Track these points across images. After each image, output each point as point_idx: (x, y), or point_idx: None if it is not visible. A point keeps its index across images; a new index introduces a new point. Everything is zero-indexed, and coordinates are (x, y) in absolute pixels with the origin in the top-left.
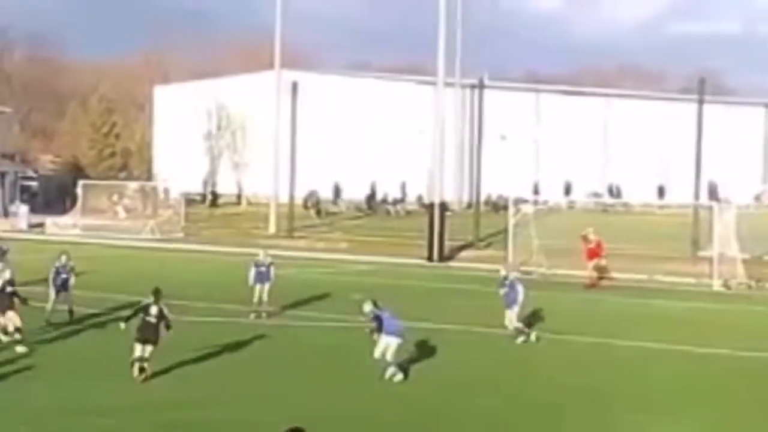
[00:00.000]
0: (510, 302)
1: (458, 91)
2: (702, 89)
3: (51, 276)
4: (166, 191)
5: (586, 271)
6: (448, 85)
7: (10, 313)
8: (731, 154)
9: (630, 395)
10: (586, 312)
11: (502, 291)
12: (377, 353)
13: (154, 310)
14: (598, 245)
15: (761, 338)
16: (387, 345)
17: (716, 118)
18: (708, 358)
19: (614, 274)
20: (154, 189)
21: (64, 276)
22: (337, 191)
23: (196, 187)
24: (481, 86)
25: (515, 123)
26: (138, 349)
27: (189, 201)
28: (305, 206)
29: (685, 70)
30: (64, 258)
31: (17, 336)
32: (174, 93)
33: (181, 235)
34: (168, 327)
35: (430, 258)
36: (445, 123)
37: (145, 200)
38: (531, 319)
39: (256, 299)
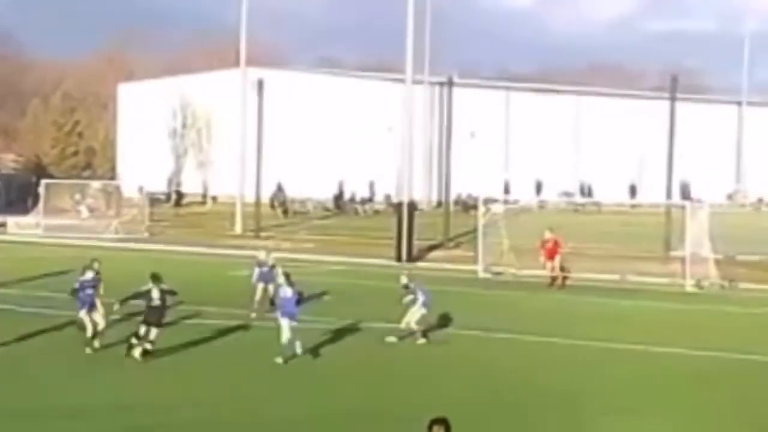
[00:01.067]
0: (416, 305)
1: (427, 89)
2: (674, 87)
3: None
4: (118, 189)
5: (547, 271)
6: (417, 82)
7: None
8: (704, 152)
9: (597, 396)
10: (556, 313)
11: (407, 299)
12: (404, 323)
13: (155, 293)
14: (556, 243)
15: (733, 339)
16: (420, 314)
17: (689, 117)
18: (678, 359)
19: (575, 273)
20: (118, 188)
21: (89, 292)
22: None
23: (160, 187)
24: (451, 84)
25: (485, 121)
26: (142, 330)
27: (153, 200)
28: (272, 206)
29: (658, 69)
30: (90, 273)
31: None
32: (138, 91)
33: (145, 234)
34: (174, 293)
35: (398, 258)
36: (414, 121)
37: (109, 199)
38: (442, 320)
39: (258, 298)
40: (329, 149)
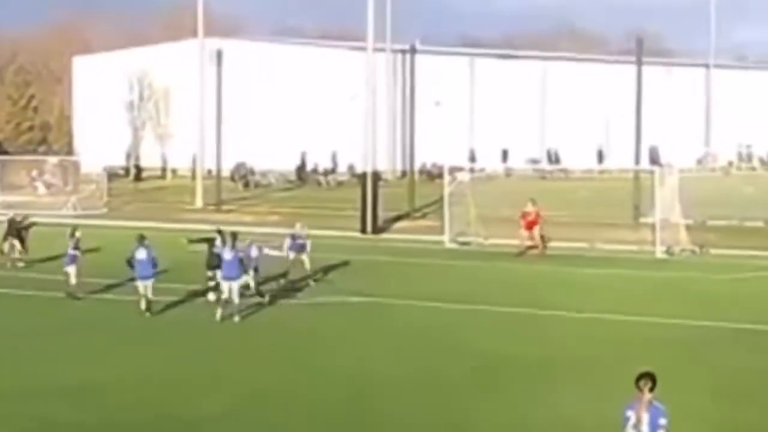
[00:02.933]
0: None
1: (390, 57)
2: (640, 50)
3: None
4: (75, 164)
5: (519, 240)
6: (378, 50)
7: None
8: (672, 117)
9: (565, 366)
10: (524, 282)
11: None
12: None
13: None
14: (537, 215)
15: (704, 306)
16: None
17: (656, 81)
18: (649, 327)
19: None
20: (75, 163)
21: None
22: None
23: (119, 161)
24: (413, 51)
25: (449, 89)
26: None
27: (112, 175)
28: (233, 179)
29: (622, 33)
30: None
31: None
32: (94, 64)
33: (104, 210)
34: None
35: (363, 230)
36: (377, 90)
37: (66, 175)
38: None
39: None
40: (291, 120)
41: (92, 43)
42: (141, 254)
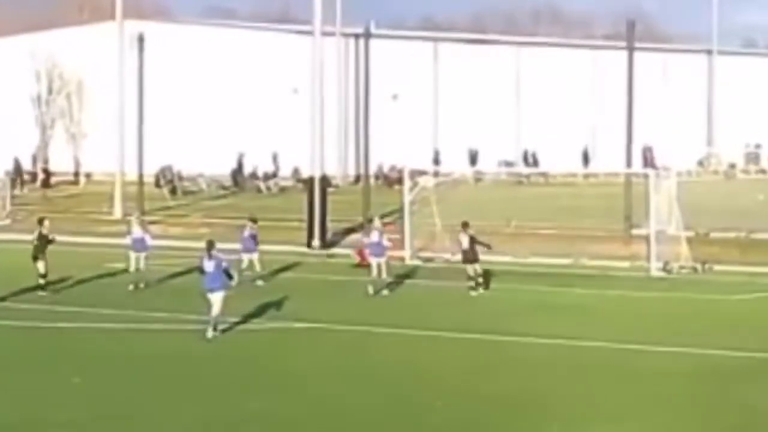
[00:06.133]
0: None
1: (340, 42)
2: (632, 34)
3: None
4: None
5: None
6: (327, 34)
7: None
8: (670, 112)
9: (546, 403)
10: (498, 304)
11: None
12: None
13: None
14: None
15: (708, 332)
16: None
17: (650, 70)
18: (643, 356)
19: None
20: None
21: None
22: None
23: (24, 164)
24: (368, 35)
25: (410, 80)
26: None
27: (15, 181)
28: (157, 185)
29: (612, 14)
30: None
31: None
32: None
33: (6, 222)
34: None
35: (309, 244)
36: (325, 81)
37: None
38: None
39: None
40: (225, 116)
41: None
42: (209, 266)
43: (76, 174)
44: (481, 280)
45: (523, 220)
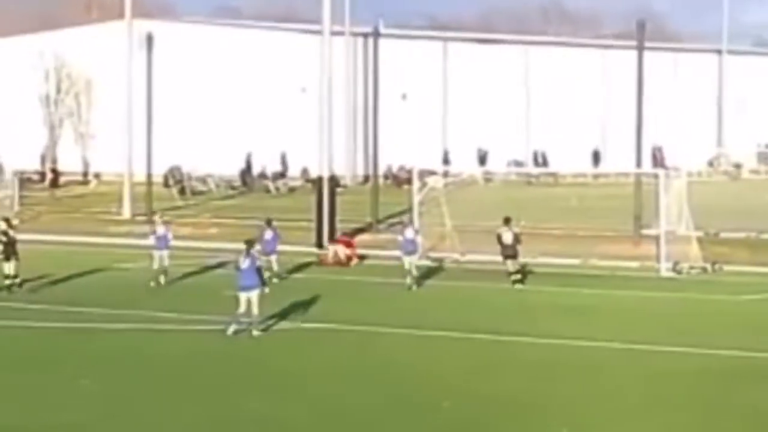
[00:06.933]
0: None
1: (349, 41)
2: (642, 34)
3: None
4: None
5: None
6: (335, 33)
7: None
8: (679, 111)
9: (557, 405)
10: (507, 305)
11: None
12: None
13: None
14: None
15: (719, 333)
16: None
17: (660, 69)
18: (654, 357)
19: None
20: None
21: None
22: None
23: (32, 164)
24: (377, 35)
25: (419, 80)
26: None
27: (24, 181)
28: (166, 185)
29: (622, 13)
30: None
31: None
32: (2, 49)
33: (15, 222)
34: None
35: (319, 245)
36: (333, 81)
37: None
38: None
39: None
40: (233, 116)
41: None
42: (245, 263)
43: (85, 174)
44: (519, 276)
45: (533, 220)
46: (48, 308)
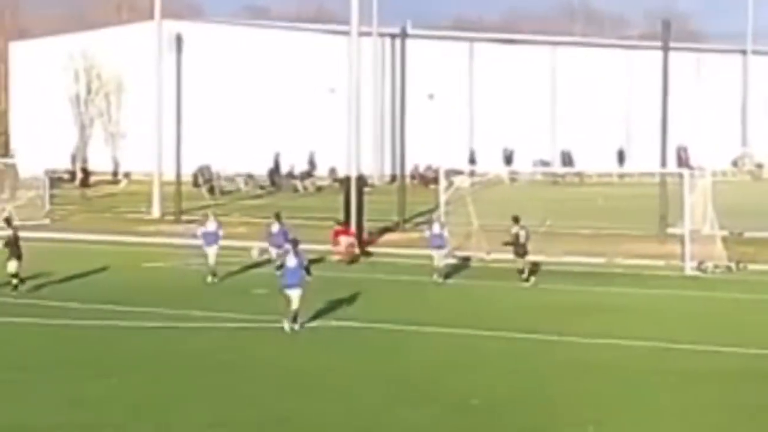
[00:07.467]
0: None
1: (376, 42)
2: (667, 34)
3: None
4: (12, 168)
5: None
6: (363, 34)
7: None
8: (704, 111)
9: (581, 402)
10: (532, 304)
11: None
12: None
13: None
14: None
15: (742, 331)
16: None
17: (685, 69)
18: (679, 355)
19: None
20: (12, 167)
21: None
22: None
23: (63, 164)
24: (404, 36)
25: (445, 80)
26: None
27: (55, 180)
28: (195, 184)
29: (646, 13)
30: None
31: None
32: (34, 51)
33: (45, 221)
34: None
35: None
36: (361, 81)
37: (1, 180)
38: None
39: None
40: (262, 116)
41: (31, 26)
42: (291, 261)
43: (115, 173)
44: (526, 274)
45: (558, 219)
46: (78, 306)
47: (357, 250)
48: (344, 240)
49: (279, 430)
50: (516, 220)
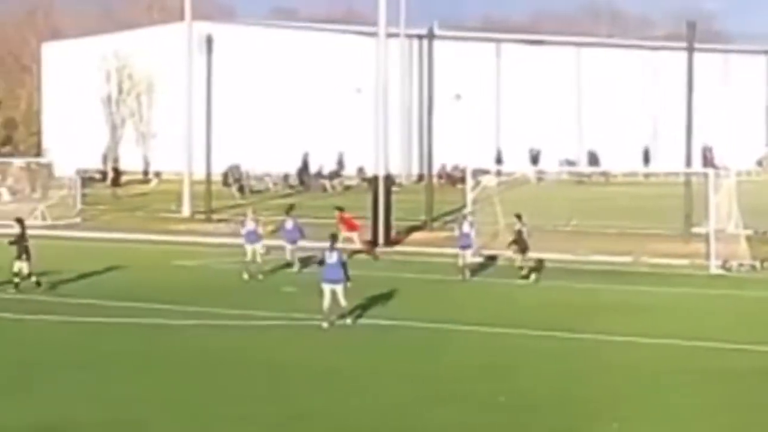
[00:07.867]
0: None
1: (404, 43)
2: (692, 35)
3: None
4: (45, 167)
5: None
6: (391, 35)
7: None
8: (729, 111)
9: (607, 400)
10: (557, 303)
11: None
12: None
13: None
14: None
15: (767, 330)
16: None
17: (710, 70)
18: (706, 353)
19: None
20: (45, 166)
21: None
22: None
23: (94, 163)
24: (431, 36)
25: (472, 80)
26: None
27: (86, 180)
28: (225, 183)
29: (671, 14)
30: None
31: None
32: (66, 51)
33: (77, 220)
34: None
35: (374, 242)
36: (389, 81)
37: (34, 180)
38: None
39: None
40: (290, 116)
41: (64, 27)
42: (332, 257)
43: (146, 173)
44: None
45: (584, 218)
46: (109, 304)
47: (357, 245)
48: (353, 236)
49: (306, 426)
50: (518, 217)
